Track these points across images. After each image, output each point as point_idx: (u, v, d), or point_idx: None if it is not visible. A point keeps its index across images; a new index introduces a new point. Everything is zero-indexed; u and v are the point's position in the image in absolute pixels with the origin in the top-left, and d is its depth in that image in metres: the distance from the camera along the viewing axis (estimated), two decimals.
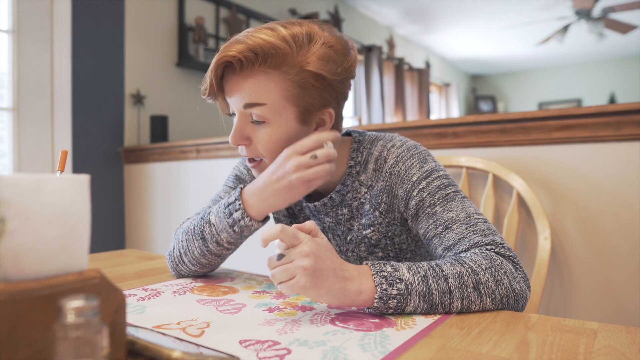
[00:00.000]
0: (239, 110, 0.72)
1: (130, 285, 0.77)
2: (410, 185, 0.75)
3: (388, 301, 0.58)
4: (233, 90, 0.72)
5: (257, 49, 0.67)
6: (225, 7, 3.12)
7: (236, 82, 0.71)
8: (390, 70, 5.37)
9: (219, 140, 2.07)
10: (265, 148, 0.73)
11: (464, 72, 7.99)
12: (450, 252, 0.70)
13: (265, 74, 0.69)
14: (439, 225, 0.71)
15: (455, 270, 0.62)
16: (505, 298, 0.62)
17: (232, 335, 0.52)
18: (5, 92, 2.21)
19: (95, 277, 0.39)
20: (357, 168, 0.81)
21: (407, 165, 0.76)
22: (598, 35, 4.87)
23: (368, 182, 0.80)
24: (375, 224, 0.79)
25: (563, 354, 0.46)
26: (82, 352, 0.31)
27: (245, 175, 0.91)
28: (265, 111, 0.70)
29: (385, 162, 0.78)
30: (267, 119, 0.71)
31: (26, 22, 2.23)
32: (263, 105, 0.70)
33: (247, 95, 0.70)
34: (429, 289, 0.60)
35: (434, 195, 0.73)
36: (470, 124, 1.34)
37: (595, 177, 1.17)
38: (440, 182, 0.75)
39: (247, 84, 0.70)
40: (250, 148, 0.75)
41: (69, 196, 0.39)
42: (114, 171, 2.55)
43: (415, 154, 0.77)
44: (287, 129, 0.72)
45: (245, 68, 0.69)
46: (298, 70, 0.69)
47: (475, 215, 0.71)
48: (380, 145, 0.80)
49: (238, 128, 0.73)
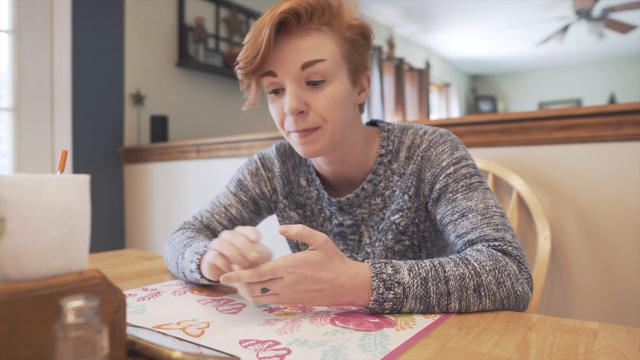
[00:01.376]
0: (295, 74, 0.69)
1: (130, 285, 0.77)
2: (439, 170, 0.75)
3: (383, 303, 0.59)
4: (286, 53, 0.68)
5: (312, 1, 0.67)
6: (225, 7, 3.12)
7: (289, 43, 0.68)
8: (390, 70, 5.37)
9: (219, 140, 2.07)
10: (327, 109, 0.70)
11: (464, 72, 7.99)
12: (461, 240, 0.70)
13: (318, 31, 0.69)
14: (455, 212, 0.72)
15: (458, 272, 0.61)
16: (506, 299, 0.62)
17: (232, 335, 0.52)
18: (5, 92, 2.21)
19: (95, 277, 0.39)
20: (389, 157, 0.81)
21: (438, 151, 0.77)
22: (598, 35, 4.87)
23: (400, 170, 0.80)
24: (404, 209, 0.79)
25: (563, 354, 0.46)
26: (82, 352, 0.31)
27: (249, 181, 0.90)
28: (325, 68, 0.69)
29: (418, 147, 0.78)
30: (327, 76, 0.70)
31: (26, 22, 2.23)
32: (323, 61, 0.69)
33: (306, 54, 0.68)
34: (427, 292, 0.59)
35: (458, 182, 0.74)
36: (470, 124, 1.34)
37: (595, 177, 1.17)
38: (468, 170, 0.75)
39: (304, 43, 0.68)
40: (306, 116, 0.70)
41: (69, 196, 0.39)
42: (114, 171, 2.55)
43: (448, 141, 0.78)
44: (344, 88, 0.72)
45: (302, 25, 0.68)
46: (347, 26, 0.71)
47: (494, 208, 0.71)
48: (411, 133, 0.80)
49: (295, 94, 0.69)
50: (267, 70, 0.70)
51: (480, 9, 5.02)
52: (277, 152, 0.91)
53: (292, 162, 0.89)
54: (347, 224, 0.84)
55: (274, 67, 0.69)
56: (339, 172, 0.81)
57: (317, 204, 0.87)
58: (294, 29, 0.68)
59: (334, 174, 0.82)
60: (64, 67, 2.33)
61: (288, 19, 0.67)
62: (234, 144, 2.02)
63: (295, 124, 0.71)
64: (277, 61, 0.69)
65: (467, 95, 8.02)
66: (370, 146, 0.81)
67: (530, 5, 4.88)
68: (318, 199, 0.86)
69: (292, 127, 0.72)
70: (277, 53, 0.69)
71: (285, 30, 0.68)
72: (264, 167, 0.91)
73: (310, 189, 0.87)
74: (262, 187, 0.90)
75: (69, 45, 2.35)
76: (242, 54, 0.69)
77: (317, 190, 0.86)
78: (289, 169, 0.89)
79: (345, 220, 0.84)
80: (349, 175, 0.82)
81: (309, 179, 0.87)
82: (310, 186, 0.87)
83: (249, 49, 0.68)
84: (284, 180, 0.89)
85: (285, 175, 0.89)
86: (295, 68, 0.68)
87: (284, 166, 0.89)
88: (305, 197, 0.88)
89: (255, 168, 0.91)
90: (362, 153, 0.80)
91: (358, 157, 0.80)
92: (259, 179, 0.90)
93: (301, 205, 0.89)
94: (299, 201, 0.89)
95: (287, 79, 0.69)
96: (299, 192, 0.88)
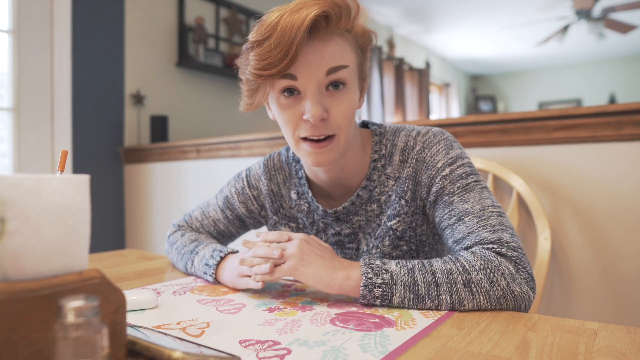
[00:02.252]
0: (318, 80, 0.67)
1: (130, 285, 0.77)
2: (435, 172, 0.74)
3: (373, 289, 0.61)
4: (311, 57, 0.65)
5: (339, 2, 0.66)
6: (225, 7, 3.12)
7: (314, 46, 0.66)
8: (390, 70, 5.37)
9: (219, 140, 2.07)
10: (345, 116, 0.69)
11: (464, 72, 7.99)
12: (459, 245, 0.70)
13: (341, 36, 0.68)
14: (452, 216, 0.71)
15: (446, 267, 0.63)
16: (502, 299, 0.61)
17: (232, 335, 0.52)
18: (5, 92, 2.21)
19: (95, 277, 0.39)
20: (382, 161, 0.79)
21: (433, 152, 0.75)
22: (598, 35, 4.87)
23: (395, 173, 0.78)
24: (401, 214, 0.77)
25: (563, 354, 0.46)
26: (82, 352, 0.31)
27: (235, 200, 0.90)
28: (348, 74, 0.68)
29: (412, 149, 0.77)
30: (347, 83, 0.69)
31: (26, 22, 2.23)
32: (347, 67, 0.68)
33: (331, 59, 0.66)
34: (414, 280, 0.62)
35: (454, 183, 0.73)
36: (470, 124, 1.34)
37: (595, 177, 1.17)
38: (464, 170, 0.74)
39: (329, 47, 0.66)
40: (325, 123, 0.68)
41: (69, 196, 0.39)
42: (114, 171, 2.55)
43: (442, 140, 0.76)
44: (356, 95, 0.72)
45: (329, 29, 0.66)
46: (361, 32, 0.71)
47: (490, 208, 0.70)
48: (403, 135, 0.79)
49: (318, 101, 0.67)
50: (288, 74, 0.66)
51: (480, 9, 5.02)
52: (265, 168, 0.88)
53: (282, 176, 0.87)
54: (345, 232, 0.83)
55: (296, 71, 0.66)
56: (336, 179, 0.79)
57: (309, 217, 0.85)
58: (321, 32, 0.66)
59: (330, 181, 0.80)
60: (64, 67, 2.33)
61: (318, 23, 0.64)
62: (234, 144, 2.02)
63: (313, 130, 0.68)
64: (301, 65, 0.66)
65: (467, 95, 8.02)
66: (365, 150, 0.80)
67: (530, 5, 4.88)
68: (309, 212, 0.84)
69: (308, 132, 0.69)
70: (303, 54, 0.65)
71: (312, 34, 0.65)
72: (249, 185, 0.89)
73: (300, 202, 0.85)
74: (248, 205, 0.89)
75: (69, 45, 2.35)
76: (262, 55, 0.65)
77: (309, 203, 0.84)
78: (278, 183, 0.87)
79: (343, 229, 0.83)
80: (345, 181, 0.80)
81: (299, 191, 0.85)
82: (300, 199, 0.85)
83: (275, 51, 0.63)
84: (272, 197, 0.87)
85: (273, 192, 0.87)
86: (320, 73, 0.66)
87: (272, 182, 0.87)
88: (296, 210, 0.86)
89: (241, 187, 0.90)
90: (359, 158, 0.79)
91: (356, 162, 0.78)
92: (245, 198, 0.89)
93: (293, 218, 0.87)
94: (290, 214, 0.87)
95: (309, 84, 0.67)
96: (290, 206, 0.86)
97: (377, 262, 0.64)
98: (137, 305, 0.62)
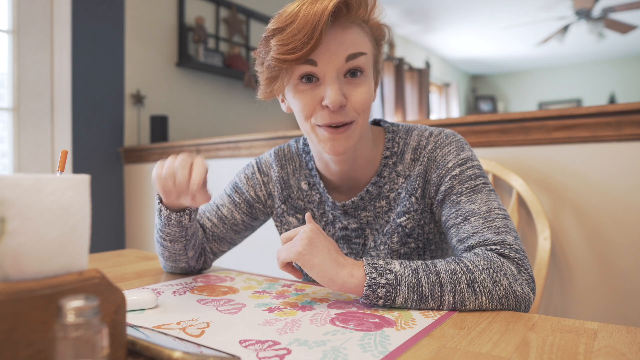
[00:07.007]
0: (337, 66, 0.68)
1: (130, 285, 0.77)
2: (445, 171, 0.75)
3: (377, 290, 0.60)
4: (331, 43, 0.67)
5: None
6: (225, 7, 3.12)
7: (335, 33, 0.67)
8: (390, 70, 5.37)
9: (219, 140, 2.07)
10: (363, 103, 0.70)
11: (464, 72, 7.99)
12: (462, 245, 0.70)
13: (359, 26, 0.70)
14: (459, 216, 0.72)
15: (449, 267, 0.63)
16: (504, 299, 0.62)
17: (232, 335, 0.52)
18: (5, 92, 2.21)
19: (95, 277, 0.39)
20: (394, 159, 0.80)
21: (444, 152, 0.77)
22: (598, 35, 4.87)
23: (405, 172, 0.79)
24: (411, 211, 0.78)
25: (563, 354, 0.46)
26: (82, 352, 0.31)
27: (244, 184, 0.90)
28: (366, 62, 0.70)
29: (424, 148, 0.78)
30: (365, 70, 0.70)
31: (26, 22, 2.23)
32: (365, 54, 0.70)
33: (350, 46, 0.68)
34: (419, 281, 0.61)
35: (463, 184, 0.74)
36: (470, 124, 1.34)
37: (595, 177, 1.17)
38: (473, 172, 0.75)
39: (349, 34, 0.68)
40: (343, 109, 0.69)
41: (69, 196, 0.39)
42: (114, 171, 2.55)
43: (454, 141, 0.78)
44: (372, 85, 0.73)
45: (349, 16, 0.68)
46: (376, 25, 0.73)
47: (497, 211, 0.71)
48: (416, 134, 0.80)
49: (338, 87, 0.68)
50: (309, 59, 0.67)
51: (480, 9, 5.02)
52: (276, 156, 0.90)
53: (292, 166, 0.88)
54: (352, 227, 0.83)
55: (317, 57, 0.67)
56: (348, 172, 0.80)
57: (320, 207, 0.85)
58: (341, 20, 0.67)
59: (341, 174, 0.80)
60: (64, 67, 2.33)
61: (339, 10, 0.66)
62: (234, 144, 2.02)
63: (331, 117, 0.69)
64: (322, 51, 0.67)
65: (467, 95, 8.02)
66: (376, 146, 0.81)
67: (530, 5, 4.88)
68: (320, 203, 0.85)
69: (326, 120, 0.69)
70: (324, 41, 0.66)
71: (332, 21, 0.66)
72: (260, 171, 0.90)
73: (312, 193, 0.86)
74: (256, 190, 0.89)
75: (69, 45, 2.35)
76: (285, 40, 0.65)
77: (320, 194, 0.85)
78: (288, 173, 0.88)
79: (350, 223, 0.83)
80: (356, 175, 0.81)
81: (310, 182, 0.86)
82: (312, 190, 0.86)
83: (299, 35, 0.64)
84: (282, 184, 0.88)
85: (283, 180, 0.88)
86: (340, 59, 0.67)
87: (283, 170, 0.88)
88: (306, 201, 0.86)
89: (251, 172, 0.90)
90: (370, 152, 0.80)
91: (367, 155, 0.80)
92: (254, 182, 0.89)
93: (301, 209, 0.87)
94: (298, 205, 0.87)
95: (328, 70, 0.68)
96: (299, 197, 0.87)
97: (381, 262, 0.63)
98: (137, 305, 0.62)
